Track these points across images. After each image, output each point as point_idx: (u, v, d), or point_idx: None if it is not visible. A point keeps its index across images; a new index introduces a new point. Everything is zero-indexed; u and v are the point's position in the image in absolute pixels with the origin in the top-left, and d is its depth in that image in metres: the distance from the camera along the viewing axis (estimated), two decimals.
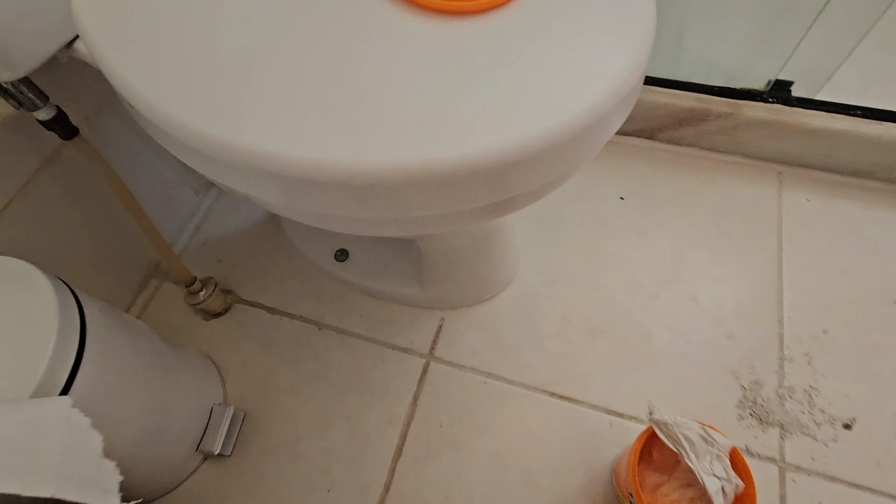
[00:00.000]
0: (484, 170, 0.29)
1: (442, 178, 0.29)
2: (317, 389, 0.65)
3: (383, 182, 0.28)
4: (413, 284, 0.68)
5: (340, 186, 0.29)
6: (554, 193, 0.71)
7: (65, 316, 0.40)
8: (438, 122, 0.30)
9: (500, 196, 0.33)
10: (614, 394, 0.62)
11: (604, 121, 0.31)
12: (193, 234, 0.79)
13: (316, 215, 0.35)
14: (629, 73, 0.32)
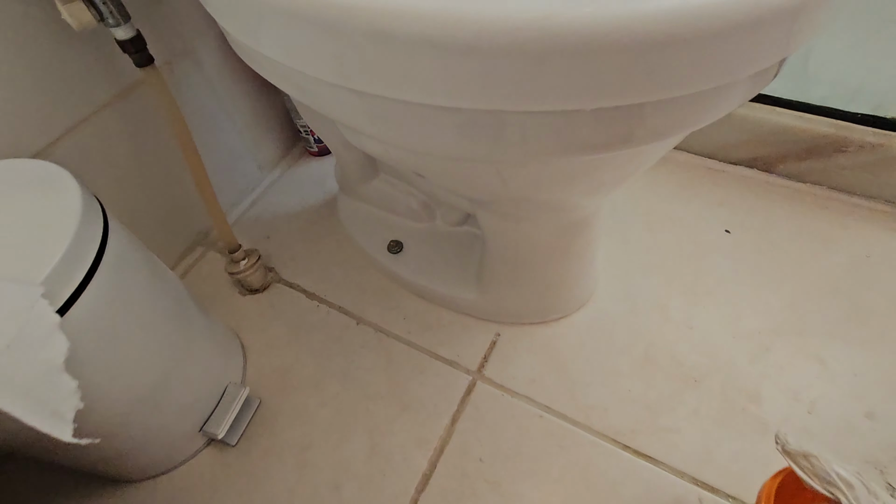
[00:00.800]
0: (610, 42, 0.21)
1: (556, 45, 0.21)
2: (341, 390, 0.56)
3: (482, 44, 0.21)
4: (470, 288, 0.59)
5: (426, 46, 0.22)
6: (645, 214, 0.62)
7: (86, 227, 0.35)
8: None
9: (612, 94, 0.24)
10: (708, 461, 0.48)
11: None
12: (249, 208, 0.76)
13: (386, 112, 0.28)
14: None
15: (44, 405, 0.20)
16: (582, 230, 0.49)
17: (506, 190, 0.41)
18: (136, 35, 0.46)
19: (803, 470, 0.32)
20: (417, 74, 0.25)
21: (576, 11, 0.21)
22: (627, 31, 0.21)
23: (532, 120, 0.28)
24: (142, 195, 0.62)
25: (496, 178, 0.39)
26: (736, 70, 0.25)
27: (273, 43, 0.28)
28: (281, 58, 0.28)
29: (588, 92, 0.24)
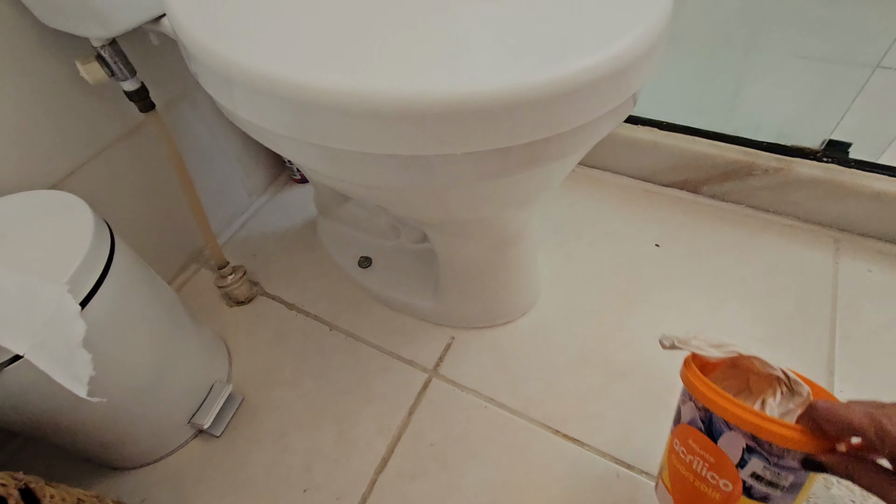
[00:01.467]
0: (474, 108, 0.30)
1: (434, 111, 0.30)
2: (315, 387, 0.64)
3: (379, 111, 0.30)
4: (429, 298, 0.67)
5: (342, 113, 0.31)
6: (588, 232, 0.71)
7: (96, 244, 0.44)
8: (439, 61, 0.31)
9: (499, 141, 0.33)
10: (627, 443, 0.55)
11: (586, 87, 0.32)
12: (238, 230, 0.85)
13: (325, 156, 0.37)
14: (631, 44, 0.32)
15: (68, 369, 0.28)
16: (514, 245, 0.58)
17: (446, 212, 0.50)
18: (141, 86, 0.56)
19: (699, 348, 0.36)
20: (360, 133, 0.33)
21: (446, 89, 0.30)
22: (486, 100, 0.30)
23: (448, 159, 0.37)
24: (145, 219, 0.71)
25: (437, 203, 0.48)
26: (576, 119, 0.35)
27: (243, 106, 0.37)
28: (250, 118, 0.37)
29: (469, 141, 0.33)
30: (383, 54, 0.34)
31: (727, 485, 0.34)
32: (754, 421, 0.31)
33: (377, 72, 0.32)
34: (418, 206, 0.49)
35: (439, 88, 0.30)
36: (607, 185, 0.82)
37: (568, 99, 0.32)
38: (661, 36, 0.36)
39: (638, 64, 0.35)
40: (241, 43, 0.35)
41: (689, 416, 0.36)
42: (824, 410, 0.28)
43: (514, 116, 0.33)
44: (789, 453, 0.30)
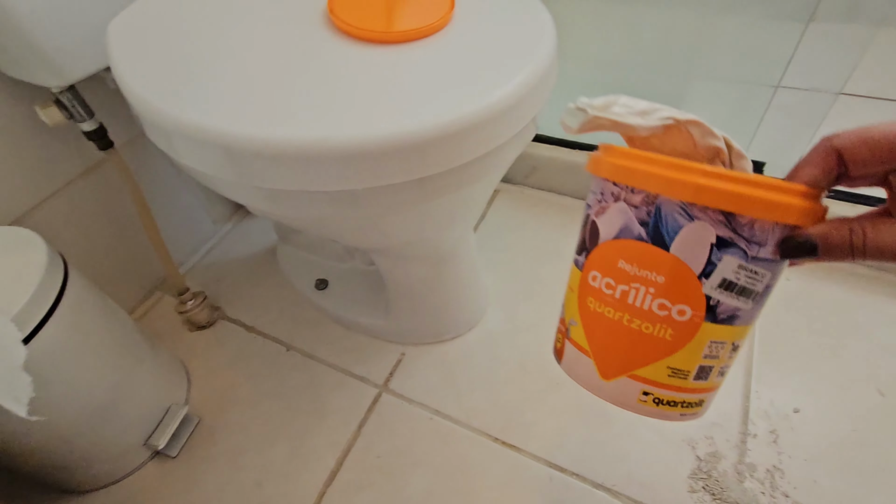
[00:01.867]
0: (390, 147, 0.35)
1: (357, 151, 0.35)
2: (271, 406, 0.67)
3: (286, 153, 0.35)
4: (381, 316, 0.71)
5: (257, 156, 0.35)
6: (533, 250, 0.75)
7: (49, 276, 0.47)
8: (329, 115, 0.36)
9: (414, 173, 0.38)
10: (559, 448, 0.59)
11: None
12: (203, 257, 0.88)
13: (255, 191, 0.41)
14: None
15: (8, 390, 0.31)
16: (452, 263, 0.62)
17: (382, 237, 0.54)
18: (99, 127, 0.60)
19: (620, 117, 0.26)
20: (291, 174, 0.38)
21: (366, 131, 0.35)
22: (393, 143, 0.34)
23: (371, 191, 0.41)
24: (108, 250, 0.74)
25: (372, 230, 0.52)
26: (469, 154, 0.39)
27: (183, 155, 0.41)
28: (190, 164, 0.41)
29: (388, 174, 0.38)
30: (306, 103, 0.38)
31: (684, 311, 0.23)
32: (740, 190, 0.20)
33: (303, 119, 0.36)
34: (356, 233, 0.53)
35: (360, 131, 0.35)
36: (552, 206, 0.87)
37: (472, 131, 0.37)
38: (547, 70, 0.42)
39: (531, 95, 0.41)
40: (178, 97, 0.39)
41: (619, 224, 0.24)
42: (853, 137, 0.21)
43: (425, 151, 0.37)
44: (774, 234, 0.22)
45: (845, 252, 0.21)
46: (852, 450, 0.56)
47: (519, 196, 0.90)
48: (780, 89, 0.69)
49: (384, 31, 0.41)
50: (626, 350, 0.25)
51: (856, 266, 0.72)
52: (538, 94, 0.42)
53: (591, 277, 0.26)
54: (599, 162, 0.25)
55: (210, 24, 0.45)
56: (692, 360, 0.24)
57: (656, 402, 0.25)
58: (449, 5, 0.43)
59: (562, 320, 0.29)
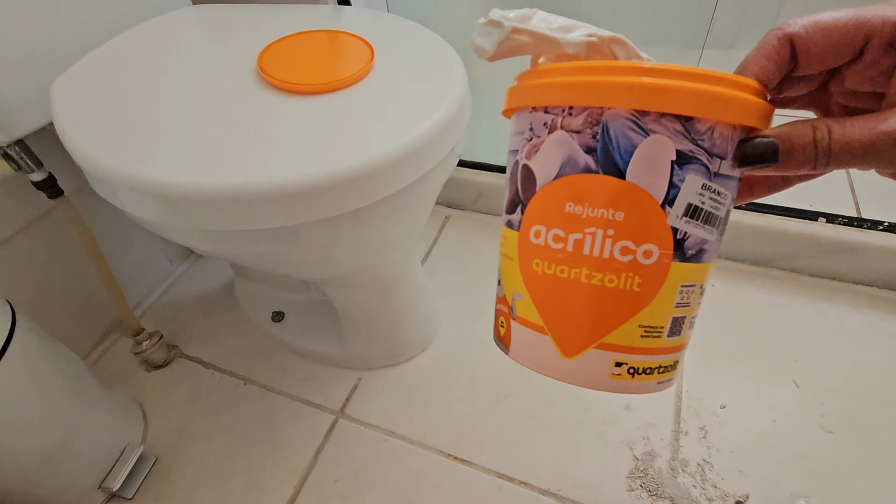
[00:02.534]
0: (325, 185, 0.39)
1: (293, 191, 0.38)
2: (228, 439, 0.68)
3: (217, 197, 0.38)
4: (336, 344, 0.73)
5: (186, 201, 0.39)
6: (481, 271, 0.79)
7: None
8: (252, 161, 0.40)
9: (348, 205, 0.42)
10: (508, 458, 0.62)
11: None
12: (160, 296, 0.89)
13: (193, 231, 0.44)
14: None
15: None
16: (398, 288, 0.66)
17: (327, 267, 0.57)
18: (48, 176, 0.62)
19: (540, 30, 0.21)
20: (229, 216, 0.41)
21: (304, 172, 0.38)
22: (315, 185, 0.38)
23: (310, 225, 0.44)
24: (61, 295, 0.75)
25: (316, 261, 0.55)
26: (390, 187, 0.44)
27: (126, 204, 0.44)
28: (133, 212, 0.44)
29: (324, 209, 0.42)
30: (238, 151, 0.42)
31: (650, 251, 0.19)
32: (697, 87, 0.18)
33: (236, 165, 0.40)
34: (303, 267, 0.56)
35: (286, 173, 0.39)
36: (498, 228, 0.92)
37: (396, 166, 0.42)
38: (460, 107, 0.46)
39: (447, 130, 0.45)
40: (119, 151, 0.42)
41: (559, 158, 0.20)
42: (806, 23, 0.19)
43: (356, 185, 0.41)
44: (732, 143, 0.19)
45: (809, 154, 0.18)
46: (773, 438, 0.61)
47: (468, 220, 0.95)
48: None
49: (311, 84, 0.45)
50: (589, 315, 0.20)
51: (771, 269, 0.79)
52: (454, 127, 0.47)
53: (534, 234, 0.21)
54: (522, 90, 0.21)
55: (149, 82, 0.49)
56: (665, 312, 0.20)
57: (631, 372, 0.21)
58: (369, 56, 0.47)
59: (501, 299, 0.24)
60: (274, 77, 0.45)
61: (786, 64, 0.19)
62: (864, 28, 0.18)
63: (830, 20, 0.18)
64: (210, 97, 0.47)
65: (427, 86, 0.47)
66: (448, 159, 0.49)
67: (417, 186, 0.47)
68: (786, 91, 0.21)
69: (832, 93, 0.21)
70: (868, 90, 0.20)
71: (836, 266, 0.74)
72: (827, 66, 0.19)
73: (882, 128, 0.17)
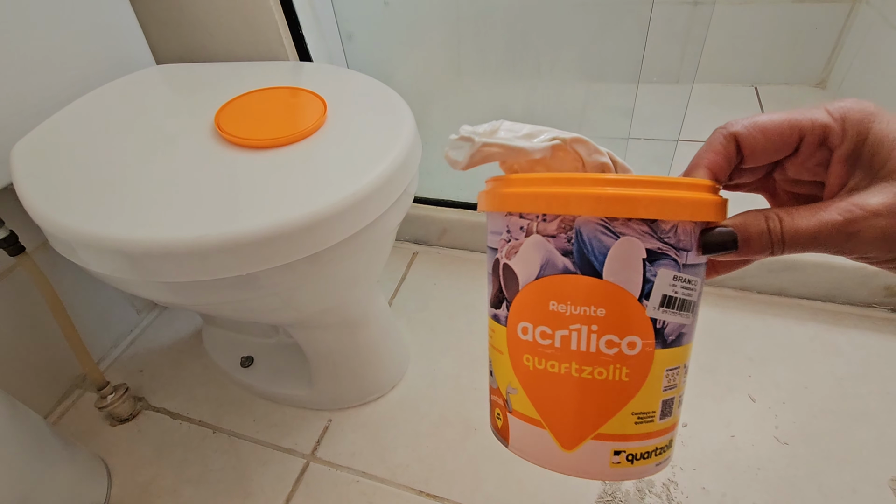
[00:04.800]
0: (280, 233, 0.41)
1: (249, 241, 0.40)
2: (195, 493, 0.66)
3: (170, 251, 0.40)
4: (305, 387, 0.73)
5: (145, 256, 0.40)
6: (449, 306, 0.81)
7: None
8: (206, 213, 0.42)
9: (306, 251, 0.44)
10: (478, 491, 0.62)
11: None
12: (127, 348, 0.88)
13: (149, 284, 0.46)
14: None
15: None
16: (364, 327, 0.67)
17: (291, 310, 0.58)
18: (9, 234, 0.62)
19: (507, 142, 0.23)
20: (188, 268, 0.42)
21: (260, 223, 0.40)
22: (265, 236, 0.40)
23: (268, 272, 0.46)
24: (22, 353, 0.73)
25: (280, 305, 0.56)
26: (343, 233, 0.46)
27: (85, 261, 0.45)
28: (93, 269, 0.45)
29: (280, 256, 0.43)
30: (195, 205, 0.44)
31: (634, 343, 0.21)
32: (658, 193, 0.20)
33: (193, 219, 0.42)
34: (267, 312, 0.58)
35: (252, 222, 0.41)
36: (465, 262, 0.95)
37: (350, 210, 0.44)
38: (409, 153, 0.50)
39: (398, 173, 0.48)
40: (78, 212, 0.43)
41: (538, 260, 0.21)
42: (747, 123, 0.21)
43: (313, 231, 0.43)
44: (695, 236, 0.21)
45: (765, 242, 0.20)
46: (732, 453, 0.63)
47: (434, 257, 0.97)
48: (631, 140, 0.82)
49: (265, 139, 0.48)
50: (583, 407, 0.21)
51: (724, 289, 0.83)
52: (404, 171, 0.50)
53: (521, 330, 0.22)
54: (499, 196, 0.22)
55: (110, 142, 0.51)
56: (655, 397, 0.21)
57: (630, 459, 0.22)
58: (321, 111, 0.51)
59: (495, 391, 0.24)
60: (230, 133, 0.48)
61: (734, 158, 0.22)
62: (796, 129, 0.20)
63: (768, 121, 0.21)
64: (169, 155, 0.49)
65: (378, 135, 0.51)
66: (402, 200, 0.52)
67: (373, 228, 0.50)
68: (735, 179, 0.23)
69: (777, 180, 0.23)
70: (809, 179, 0.22)
71: (782, 283, 0.79)
72: (769, 159, 0.22)
73: (824, 218, 0.19)
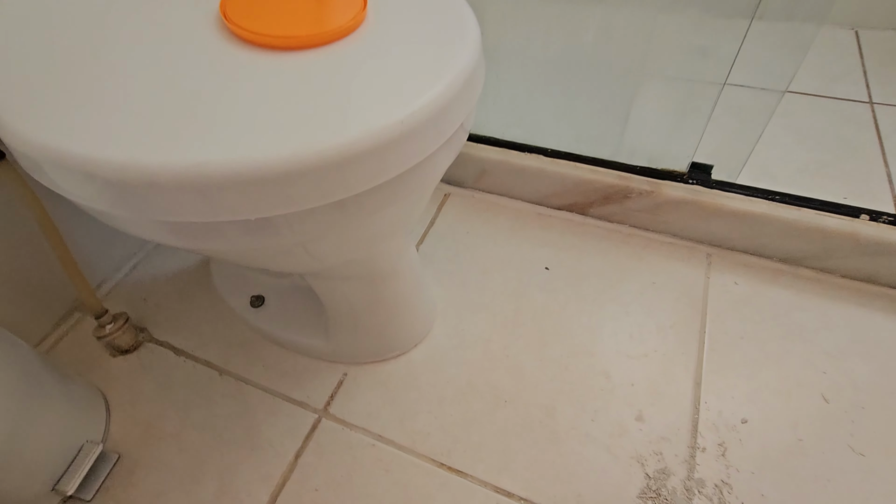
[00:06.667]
0: (304, 168, 0.31)
1: (267, 175, 0.30)
2: (199, 438, 0.62)
3: (157, 181, 0.30)
4: (321, 336, 0.66)
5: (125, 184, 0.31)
6: (482, 259, 0.72)
7: None
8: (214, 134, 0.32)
9: (333, 195, 0.34)
10: (506, 470, 0.56)
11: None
12: (129, 273, 0.81)
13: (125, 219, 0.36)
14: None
15: None
16: (392, 280, 0.59)
17: (313, 262, 0.49)
18: None
19: None
20: (191, 205, 0.33)
21: (276, 154, 0.30)
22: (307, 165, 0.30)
23: (289, 217, 0.36)
24: (13, 272, 0.67)
25: (299, 256, 0.47)
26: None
27: (64, 188, 0.35)
28: (76, 199, 0.36)
29: (304, 199, 0.34)
30: (198, 123, 0.33)
31: None
32: None
33: (198, 141, 0.32)
34: (283, 260, 0.49)
35: (263, 152, 0.30)
36: (503, 210, 0.84)
37: (392, 146, 0.34)
38: (472, 73, 0.38)
39: (456, 100, 0.37)
40: (47, 120, 0.33)
41: None
42: None
43: (342, 170, 0.33)
44: None
45: None
46: (798, 459, 0.55)
47: (469, 200, 0.87)
48: (727, 87, 0.68)
49: (287, 36, 0.36)
50: None
51: (800, 268, 0.72)
52: (464, 98, 0.39)
53: None
54: None
55: (86, 33, 0.40)
56: None
57: None
58: (361, 4, 0.38)
59: None
60: (239, 26, 0.36)
61: None
62: None
63: None
64: (158, 52, 0.38)
65: (433, 46, 0.39)
66: (455, 138, 0.41)
67: (417, 172, 0.39)
68: None
69: None
70: None
71: (874, 267, 0.67)
72: None
73: None
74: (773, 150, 0.87)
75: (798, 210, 0.67)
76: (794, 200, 0.67)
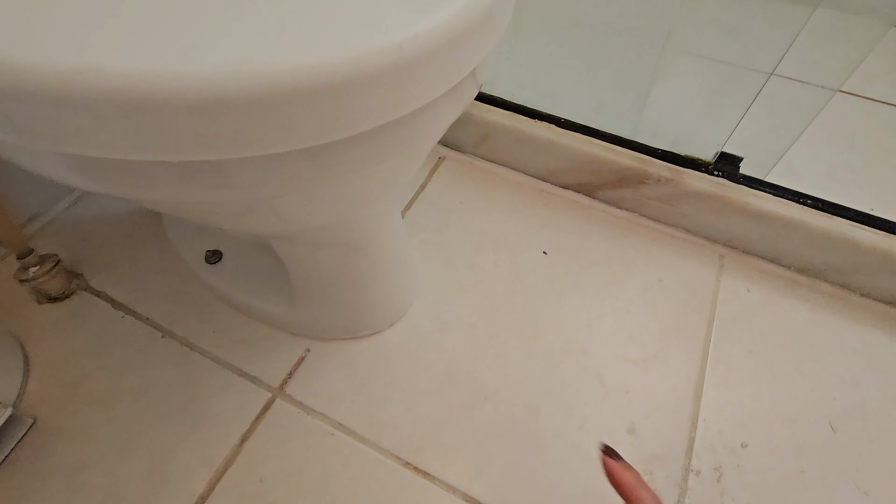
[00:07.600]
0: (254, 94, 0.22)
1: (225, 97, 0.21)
2: (131, 407, 0.54)
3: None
4: (283, 303, 0.58)
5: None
6: (476, 234, 0.64)
7: None
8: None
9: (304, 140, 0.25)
10: (479, 475, 0.50)
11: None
12: (69, 208, 0.70)
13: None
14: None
15: None
16: (369, 251, 0.50)
17: (279, 223, 0.40)
18: None
19: None
20: (102, 133, 0.23)
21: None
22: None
23: (242, 164, 0.27)
24: None
25: (262, 215, 0.38)
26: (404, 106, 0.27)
27: None
28: None
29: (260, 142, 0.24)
30: (120, 17, 0.23)
31: None
32: None
33: (97, 34, 0.22)
34: (238, 220, 0.40)
35: (204, 62, 0.21)
36: (503, 182, 0.76)
37: (382, 78, 0.25)
38: (498, 1, 0.29)
39: (470, 34, 0.29)
40: None
41: None
42: None
43: (313, 103, 0.24)
44: None
45: None
46: (798, 492, 0.50)
47: (467, 167, 0.77)
48: (773, 77, 0.59)
49: None
50: None
51: (819, 282, 0.66)
52: (483, 34, 0.30)
53: None
54: None
55: None
56: None
57: None
58: None
59: None
60: None
61: None
62: None
63: None
64: None
65: None
66: (464, 88, 0.33)
67: (414, 122, 0.31)
68: None
69: None
70: None
71: None
72: None
73: None
74: (801, 148, 0.79)
75: (830, 218, 0.60)
76: (827, 207, 0.60)
